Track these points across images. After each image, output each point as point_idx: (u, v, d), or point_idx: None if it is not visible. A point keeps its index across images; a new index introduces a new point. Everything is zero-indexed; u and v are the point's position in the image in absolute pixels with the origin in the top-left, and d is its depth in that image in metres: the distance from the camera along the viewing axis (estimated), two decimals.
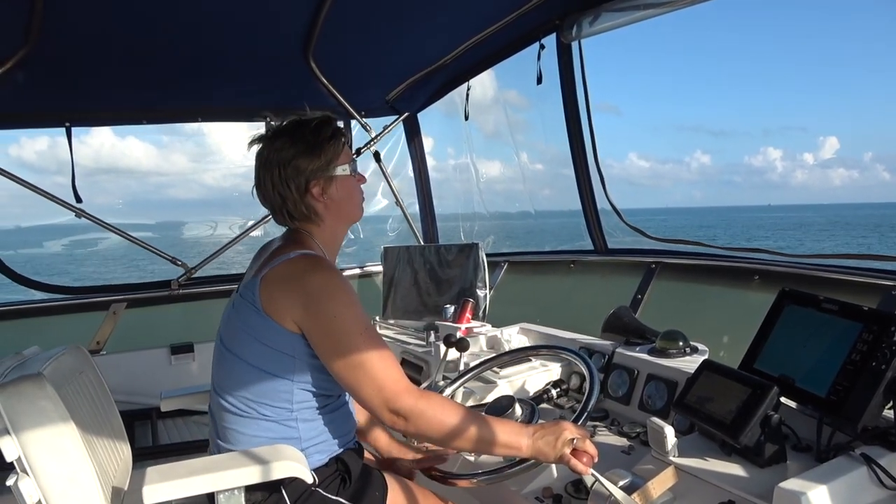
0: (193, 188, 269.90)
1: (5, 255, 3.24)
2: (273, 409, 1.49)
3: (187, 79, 3.09)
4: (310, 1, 2.40)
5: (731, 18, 66.90)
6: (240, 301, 1.52)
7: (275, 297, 1.45)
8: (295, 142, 1.53)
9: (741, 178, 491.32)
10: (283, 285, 1.45)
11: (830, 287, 2.08)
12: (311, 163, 1.53)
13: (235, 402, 1.51)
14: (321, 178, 1.54)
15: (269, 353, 1.47)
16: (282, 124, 1.58)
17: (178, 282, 3.45)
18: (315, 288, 1.43)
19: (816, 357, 1.47)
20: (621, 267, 3.00)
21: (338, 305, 1.43)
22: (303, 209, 1.56)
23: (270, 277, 1.47)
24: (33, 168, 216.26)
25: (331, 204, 1.57)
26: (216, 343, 1.60)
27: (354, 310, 1.44)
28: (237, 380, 1.51)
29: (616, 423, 1.91)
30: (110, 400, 1.89)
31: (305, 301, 1.42)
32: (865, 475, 1.27)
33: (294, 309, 1.43)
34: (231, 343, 1.53)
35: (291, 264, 1.47)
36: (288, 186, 1.53)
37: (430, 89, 3.60)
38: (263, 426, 1.50)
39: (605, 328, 2.25)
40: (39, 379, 1.44)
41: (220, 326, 1.61)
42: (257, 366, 1.48)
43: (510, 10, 2.67)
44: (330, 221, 1.60)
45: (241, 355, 1.50)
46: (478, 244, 3.19)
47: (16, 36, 2.31)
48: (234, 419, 1.51)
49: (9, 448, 1.38)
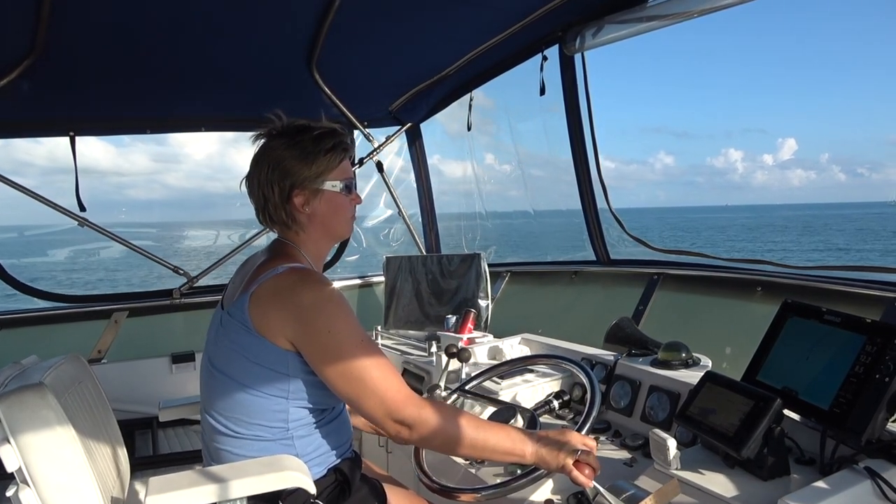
0: (155, 188, 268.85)
1: (7, 263, 3.25)
2: (268, 428, 1.45)
3: (191, 88, 3.10)
4: (314, 12, 2.41)
5: (695, 21, 67.73)
6: (228, 320, 1.46)
7: (266, 315, 1.40)
8: (291, 146, 1.49)
9: (703, 179, 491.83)
10: (274, 302, 1.41)
11: (833, 299, 2.08)
12: (301, 171, 1.49)
13: (228, 422, 1.47)
14: (307, 189, 1.50)
15: (263, 373, 1.42)
16: (287, 125, 1.54)
17: (180, 291, 3.45)
18: (307, 303, 1.39)
19: (819, 369, 1.46)
20: (623, 278, 2.99)
21: (331, 319, 1.38)
22: (282, 215, 1.52)
23: (260, 294, 1.42)
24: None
25: (313, 216, 1.53)
26: (203, 362, 1.55)
27: (349, 322, 1.40)
28: (229, 400, 1.46)
29: (618, 435, 1.90)
30: (108, 409, 1.89)
31: (298, 317, 1.38)
32: (869, 488, 1.26)
33: (286, 326, 1.39)
34: (221, 363, 1.48)
35: (281, 279, 1.42)
36: (272, 188, 1.49)
37: (432, 100, 3.62)
38: (258, 446, 1.46)
39: (607, 339, 2.25)
40: (41, 388, 1.44)
41: (207, 345, 1.56)
42: (250, 386, 1.43)
43: (513, 21, 2.69)
44: (312, 233, 1.55)
45: (232, 375, 1.45)
46: (480, 254, 3.20)
47: (21, 46, 2.33)
48: (227, 440, 1.47)
49: (9, 458, 1.37)
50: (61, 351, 1.84)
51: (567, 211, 3.23)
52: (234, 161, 20.11)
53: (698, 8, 2.25)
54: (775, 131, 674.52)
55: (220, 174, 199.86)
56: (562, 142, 3.02)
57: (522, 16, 2.63)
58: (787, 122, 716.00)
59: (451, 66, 3.15)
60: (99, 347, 3.24)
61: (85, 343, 3.25)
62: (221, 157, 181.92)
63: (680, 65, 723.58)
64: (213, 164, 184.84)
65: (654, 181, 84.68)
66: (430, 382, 2.62)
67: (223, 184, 32.19)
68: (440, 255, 3.45)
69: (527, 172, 3.70)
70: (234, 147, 20.62)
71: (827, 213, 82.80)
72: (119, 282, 27.60)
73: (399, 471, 2.22)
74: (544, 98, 2.92)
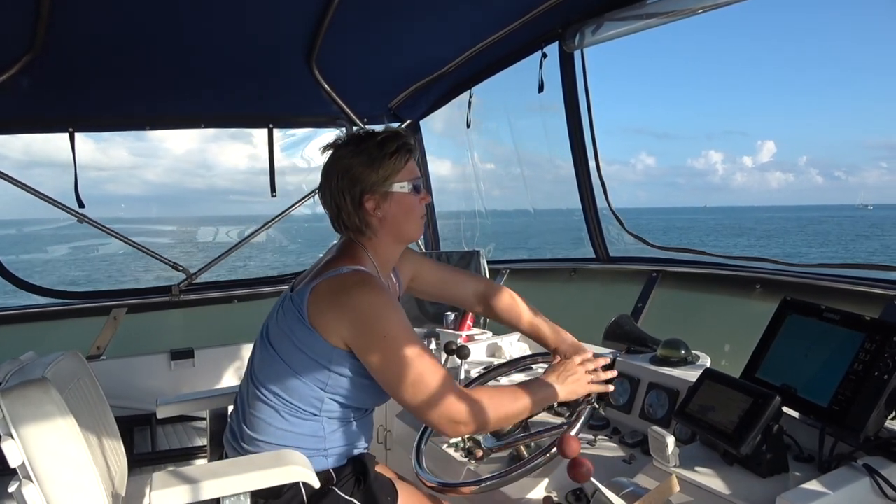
0: (134, 183, 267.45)
1: (6, 260, 3.24)
2: (301, 409, 1.51)
3: (191, 85, 3.10)
4: (313, 8, 2.41)
5: (679, 22, 68.00)
6: (289, 305, 1.53)
7: (323, 312, 1.46)
8: (358, 153, 1.54)
9: (684, 180, 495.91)
10: (332, 301, 1.46)
11: (832, 296, 2.08)
12: (369, 176, 1.53)
13: (268, 393, 1.53)
14: (377, 193, 1.55)
15: (306, 360, 1.49)
16: (353, 134, 1.60)
17: (179, 287, 3.45)
18: (365, 307, 1.44)
19: (818, 367, 1.46)
20: (623, 275, 2.99)
21: (388, 324, 1.44)
22: (356, 221, 1.57)
23: (320, 291, 1.48)
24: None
25: (385, 219, 1.58)
26: (261, 331, 1.63)
27: (405, 328, 1.46)
28: (273, 375, 1.53)
29: (617, 432, 1.90)
30: (106, 406, 1.89)
31: (355, 320, 1.44)
32: (868, 486, 1.26)
33: (342, 327, 1.45)
34: (274, 340, 1.55)
35: (341, 280, 1.48)
36: (343, 197, 1.55)
37: (432, 97, 3.61)
38: (291, 421, 1.52)
39: (606, 336, 2.25)
40: (45, 383, 1.43)
41: (268, 318, 1.63)
42: (294, 369, 1.50)
43: (513, 18, 2.68)
44: (384, 237, 1.61)
45: (281, 355, 1.52)
46: (479, 251, 3.20)
47: (21, 42, 2.32)
48: (265, 409, 1.53)
49: (13, 453, 1.37)
50: (60, 348, 1.84)
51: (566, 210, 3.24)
52: (215, 157, 19.88)
53: (698, 5, 2.24)
54: (755, 133, 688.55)
55: (201, 170, 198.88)
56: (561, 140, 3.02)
57: (522, 13, 2.63)
58: (768, 125, 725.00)
59: (451, 62, 3.14)
60: (98, 344, 3.23)
61: (84, 340, 3.25)
62: (202, 154, 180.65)
63: (664, 66, 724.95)
64: (192, 160, 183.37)
65: (636, 182, 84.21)
66: None
67: (204, 180, 31.31)
68: (439, 252, 3.44)
69: (525, 169, 3.70)
70: (216, 143, 20.42)
71: (799, 216, 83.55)
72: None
73: (397, 468, 2.22)
74: (543, 95, 2.92)
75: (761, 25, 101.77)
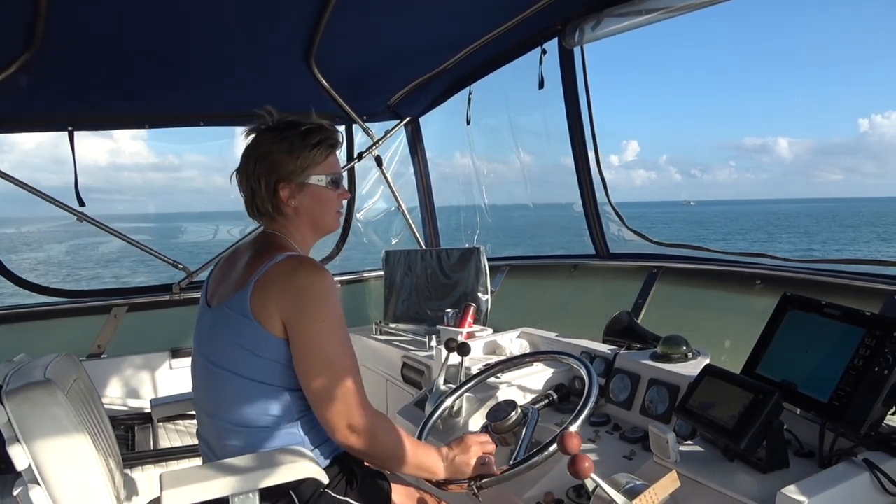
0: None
1: (6, 259, 3.24)
2: (274, 418, 1.48)
3: (190, 83, 3.10)
4: (312, 6, 2.40)
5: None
6: (225, 315, 1.49)
7: (266, 301, 1.43)
8: (279, 140, 1.53)
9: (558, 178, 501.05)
10: (274, 287, 1.44)
11: (832, 292, 2.08)
12: (287, 164, 1.53)
13: (233, 418, 1.48)
14: (293, 182, 1.54)
15: (263, 364, 1.45)
16: (279, 121, 1.57)
17: (180, 286, 3.45)
18: (307, 287, 1.43)
19: (819, 362, 1.46)
20: (623, 271, 2.99)
21: (329, 311, 1.43)
22: (269, 207, 1.56)
23: (262, 283, 1.45)
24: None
25: (299, 210, 1.57)
26: (199, 365, 1.57)
27: (342, 322, 1.45)
28: (233, 396, 1.48)
29: (618, 429, 1.90)
30: (101, 405, 1.88)
31: (296, 299, 1.42)
32: (868, 481, 1.26)
33: (283, 306, 1.42)
34: (221, 359, 1.50)
35: (282, 266, 1.46)
36: (259, 181, 1.54)
37: (432, 94, 3.61)
38: (266, 434, 1.48)
39: (606, 333, 2.25)
40: (50, 385, 1.42)
41: (202, 347, 1.58)
42: (253, 378, 1.46)
43: (512, 15, 2.68)
44: (300, 226, 1.60)
45: (234, 370, 1.47)
46: (479, 248, 3.19)
47: (19, 40, 2.32)
48: (234, 435, 1.49)
49: (20, 457, 1.35)
50: (61, 347, 1.84)
51: (565, 204, 3.25)
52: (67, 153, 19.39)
53: (698, 1, 2.24)
54: (621, 133, 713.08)
55: (53, 166, 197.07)
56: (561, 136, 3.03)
57: (522, 9, 2.62)
58: (632, 125, 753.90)
59: (450, 59, 3.14)
60: (98, 342, 3.24)
61: (84, 338, 3.25)
62: (55, 149, 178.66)
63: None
64: (44, 155, 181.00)
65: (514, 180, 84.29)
66: (429, 377, 2.63)
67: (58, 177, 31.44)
68: (439, 249, 3.44)
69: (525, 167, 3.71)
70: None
71: (644, 213, 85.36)
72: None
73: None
74: (543, 91, 2.92)
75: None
